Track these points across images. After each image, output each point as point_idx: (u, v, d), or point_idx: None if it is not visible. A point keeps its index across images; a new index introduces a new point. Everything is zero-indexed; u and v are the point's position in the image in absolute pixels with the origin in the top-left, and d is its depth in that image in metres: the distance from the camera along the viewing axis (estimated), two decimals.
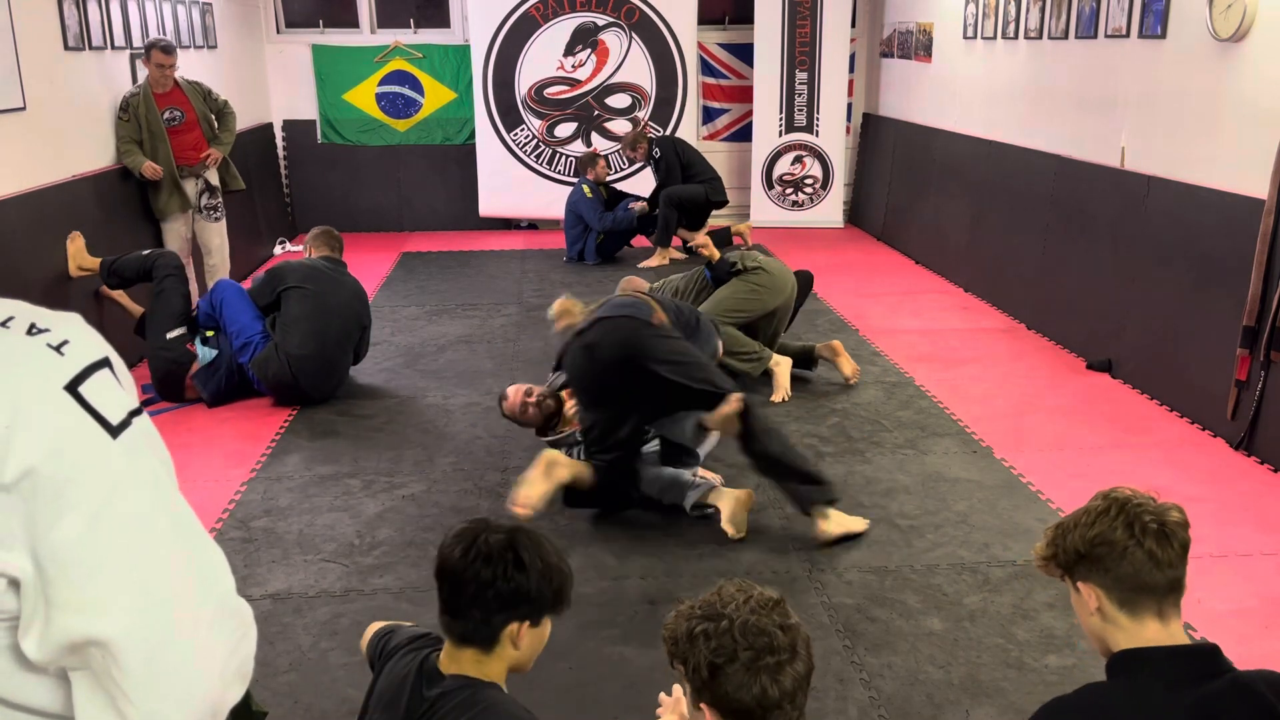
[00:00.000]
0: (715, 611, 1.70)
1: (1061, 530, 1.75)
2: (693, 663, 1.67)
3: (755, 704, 1.63)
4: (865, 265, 8.31)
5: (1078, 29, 6.08)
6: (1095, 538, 1.68)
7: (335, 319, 5.17)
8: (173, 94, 6.27)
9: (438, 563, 1.89)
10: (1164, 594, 1.68)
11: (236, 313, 5.17)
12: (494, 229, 9.83)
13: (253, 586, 3.47)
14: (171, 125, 6.24)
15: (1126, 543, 1.66)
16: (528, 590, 1.84)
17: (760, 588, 1.76)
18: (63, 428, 1.01)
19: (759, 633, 1.65)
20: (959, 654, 3.07)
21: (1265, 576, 3.51)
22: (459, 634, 1.87)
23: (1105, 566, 1.67)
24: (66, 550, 0.99)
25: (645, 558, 3.66)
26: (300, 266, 5.30)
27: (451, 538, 1.89)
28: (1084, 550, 1.69)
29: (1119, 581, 1.67)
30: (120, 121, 6.12)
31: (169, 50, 6.14)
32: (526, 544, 1.86)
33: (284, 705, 2.84)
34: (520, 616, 1.85)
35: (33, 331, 1.04)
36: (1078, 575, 1.71)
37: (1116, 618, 1.68)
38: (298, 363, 5.03)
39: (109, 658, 1.01)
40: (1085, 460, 4.48)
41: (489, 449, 4.66)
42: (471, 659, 1.87)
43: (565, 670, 2.98)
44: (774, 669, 1.64)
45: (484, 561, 1.83)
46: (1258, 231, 4.39)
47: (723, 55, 9.89)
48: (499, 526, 1.91)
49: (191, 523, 1.11)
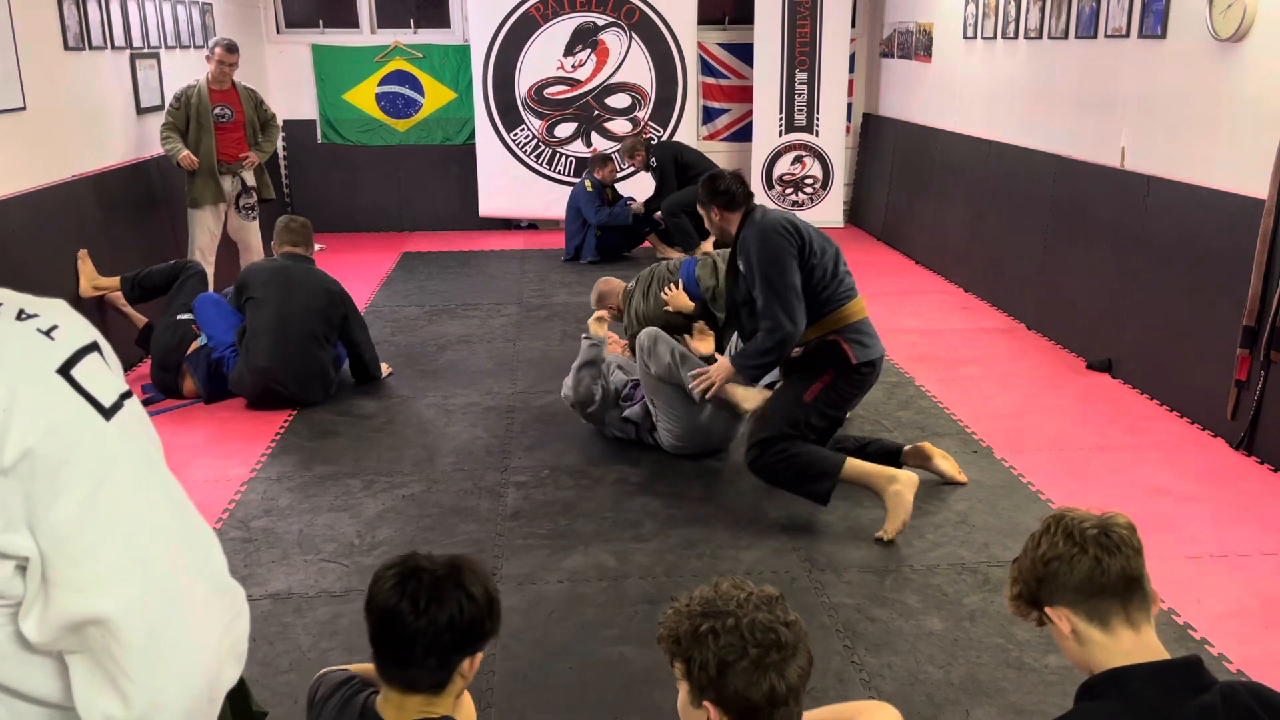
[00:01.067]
0: (718, 609, 1.69)
1: (1016, 565, 1.79)
2: (699, 660, 1.66)
3: (765, 700, 1.64)
4: (865, 265, 8.30)
5: (1078, 29, 6.09)
6: (1043, 556, 1.72)
7: (295, 323, 5.10)
8: (228, 93, 6.54)
9: (376, 611, 1.77)
10: (1125, 595, 1.67)
11: (210, 326, 5.22)
12: (494, 229, 9.83)
13: (253, 586, 3.47)
14: (220, 121, 6.48)
15: (1071, 551, 1.69)
16: (481, 623, 1.77)
17: (756, 585, 1.77)
18: (58, 410, 1.02)
19: (766, 630, 1.66)
20: (959, 654, 3.07)
21: (1265, 576, 3.51)
22: (405, 682, 1.78)
23: (1060, 581, 1.69)
24: (64, 530, 1.01)
25: (645, 558, 3.66)
26: (262, 272, 5.26)
27: (389, 585, 1.76)
28: (1040, 573, 1.72)
29: (1077, 591, 1.68)
30: (170, 109, 6.39)
31: (232, 49, 6.45)
32: (468, 574, 1.79)
33: (284, 705, 2.84)
34: (473, 651, 1.80)
35: (22, 317, 1.05)
36: (1044, 602, 1.73)
37: (1089, 634, 1.68)
38: (266, 374, 5.05)
39: (109, 635, 1.02)
40: (1085, 460, 4.48)
41: (489, 449, 4.66)
42: (421, 703, 1.79)
43: (565, 670, 2.98)
44: (780, 665, 1.65)
45: (437, 604, 1.73)
46: (1258, 231, 4.39)
47: (723, 55, 9.89)
48: (433, 561, 1.80)
49: (184, 502, 1.13)
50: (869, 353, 3.95)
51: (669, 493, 4.16)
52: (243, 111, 6.57)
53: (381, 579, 1.79)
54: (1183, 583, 3.45)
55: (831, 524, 3.90)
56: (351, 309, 5.39)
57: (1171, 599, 3.33)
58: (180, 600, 1.06)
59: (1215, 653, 3.06)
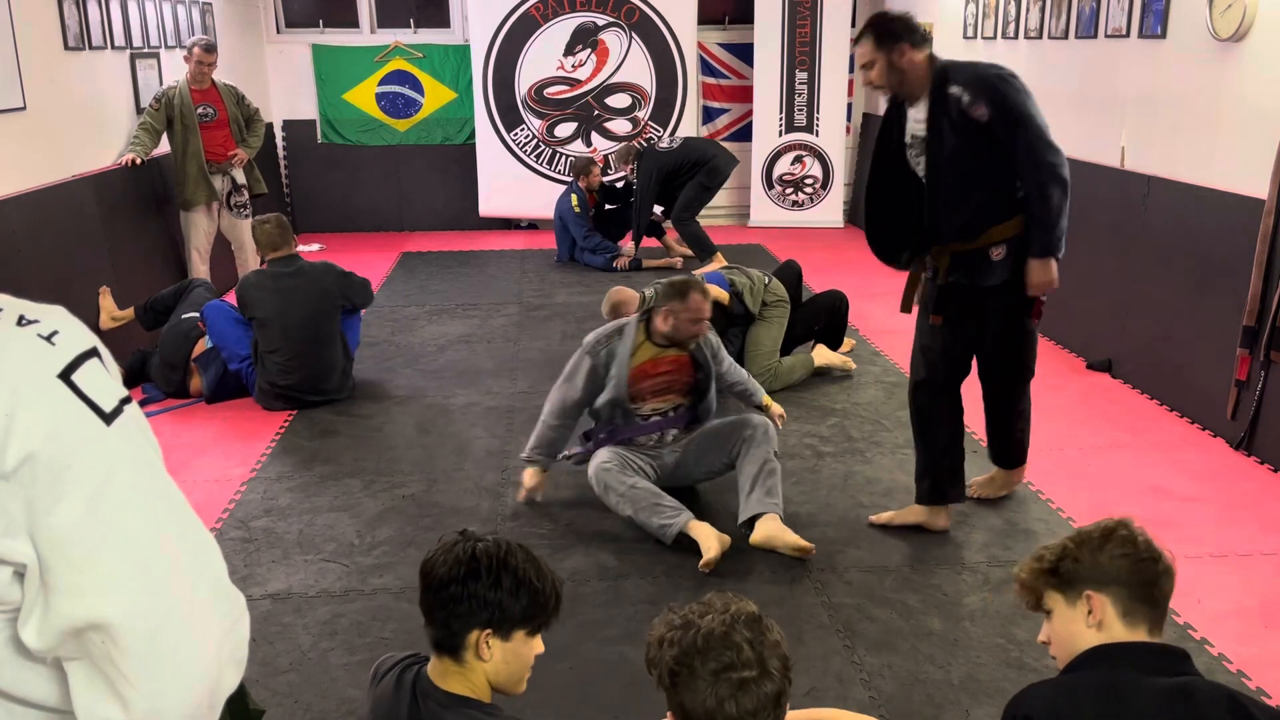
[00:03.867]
0: (688, 620, 1.66)
1: (1068, 545, 1.83)
2: (658, 670, 1.65)
3: (707, 717, 1.58)
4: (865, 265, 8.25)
5: (1078, 29, 6.09)
6: (1113, 551, 1.79)
7: (300, 334, 5.09)
8: (209, 91, 6.57)
9: (421, 575, 1.93)
10: (1160, 608, 1.80)
11: (222, 336, 5.21)
12: (494, 229, 9.83)
13: (253, 586, 3.47)
14: (204, 120, 6.51)
15: (1143, 555, 1.79)
16: (484, 598, 1.84)
17: (744, 601, 1.70)
18: (59, 414, 1.02)
19: (724, 645, 1.60)
20: (959, 654, 3.07)
21: (1265, 576, 3.51)
22: (431, 640, 1.91)
23: (1123, 576, 1.77)
24: (66, 534, 1.01)
25: (645, 558, 3.66)
26: (258, 290, 5.14)
27: (436, 550, 1.93)
28: (1103, 563, 1.78)
29: (1131, 591, 1.76)
30: (149, 110, 6.41)
31: (210, 49, 6.48)
32: (496, 554, 1.87)
33: (284, 705, 2.84)
34: (480, 624, 1.85)
35: (22, 322, 1.06)
36: (1086, 585, 1.78)
37: (1113, 627, 1.75)
38: (287, 390, 5.10)
39: (109, 641, 1.02)
40: (1085, 460, 4.48)
41: (489, 449, 4.66)
42: (448, 669, 1.89)
43: (565, 670, 2.98)
44: (736, 685, 1.58)
45: (448, 566, 1.87)
46: (1258, 231, 4.39)
47: (723, 55, 9.88)
48: (479, 537, 1.93)
49: (184, 507, 1.13)
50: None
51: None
52: (225, 109, 6.61)
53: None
54: (1183, 583, 3.42)
55: (831, 524, 3.90)
56: (349, 285, 5.33)
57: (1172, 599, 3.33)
58: (181, 605, 1.06)
59: (1215, 653, 3.06)
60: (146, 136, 6.33)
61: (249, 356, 5.17)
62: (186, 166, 6.44)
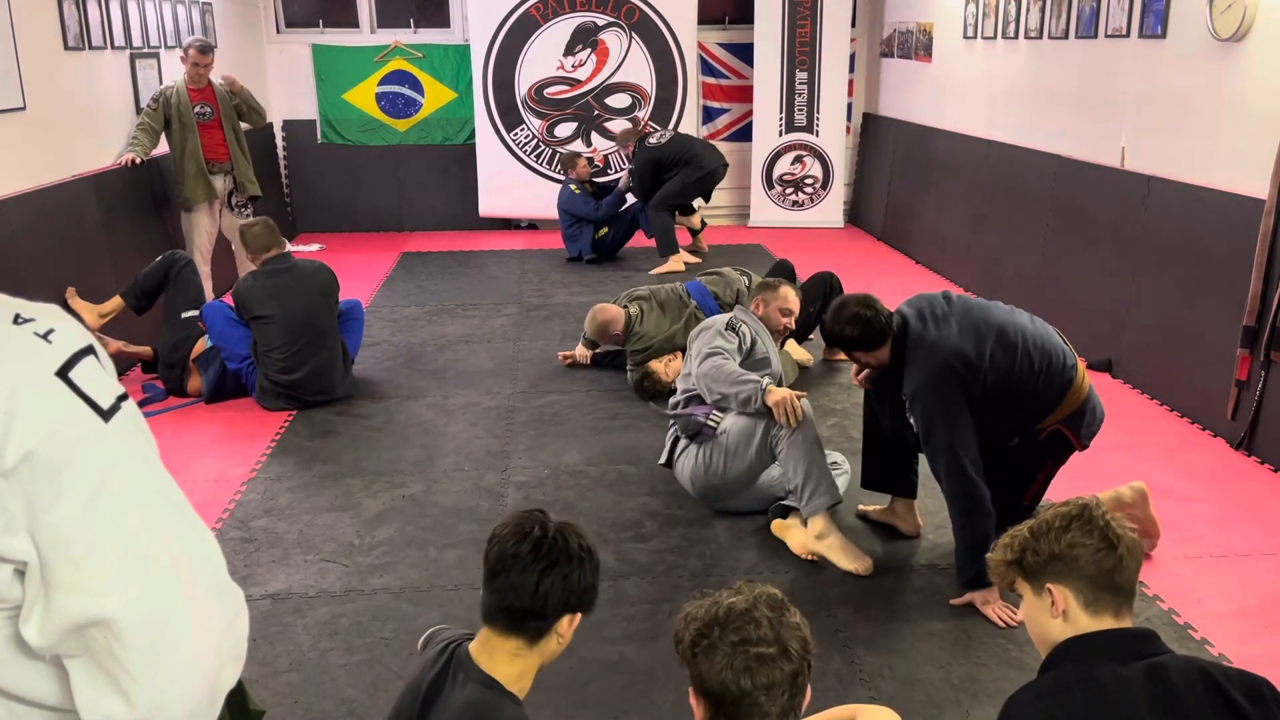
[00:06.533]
0: (715, 600, 1.74)
1: (1028, 536, 1.80)
2: (682, 644, 1.71)
3: (722, 688, 1.63)
4: (865, 265, 8.30)
5: (1078, 29, 6.09)
6: (1070, 541, 1.75)
7: (304, 327, 5.09)
8: (204, 91, 6.59)
9: (496, 553, 1.91)
10: (1126, 595, 1.76)
11: (222, 336, 5.20)
12: (494, 229, 9.83)
13: (253, 586, 3.47)
14: (201, 120, 6.54)
15: (1100, 545, 1.74)
16: (593, 582, 1.92)
17: (769, 587, 1.78)
18: (58, 412, 1.03)
19: (745, 620, 1.66)
20: (959, 654, 3.07)
21: (1265, 576, 3.51)
22: (509, 623, 1.89)
23: (1079, 567, 1.74)
24: (66, 531, 1.01)
25: (645, 558, 3.66)
26: (256, 291, 5.13)
27: (511, 530, 1.93)
28: (1061, 554, 1.75)
29: (1091, 581, 1.74)
30: (147, 110, 6.42)
31: (205, 50, 6.51)
32: (580, 539, 1.94)
33: (284, 705, 2.84)
34: (574, 608, 1.92)
35: (19, 321, 1.06)
36: (1048, 578, 1.77)
37: (1078, 617, 1.74)
38: (290, 387, 5.10)
39: (111, 637, 1.02)
40: (1085, 460, 4.46)
41: (489, 449, 4.65)
42: (512, 649, 1.90)
43: (565, 670, 2.98)
44: (753, 659, 1.63)
45: (540, 553, 1.88)
46: (1258, 231, 4.38)
47: (723, 55, 9.88)
48: (551, 519, 1.97)
49: (182, 503, 1.13)
50: (1094, 430, 3.50)
51: (669, 493, 4.16)
52: (220, 109, 6.65)
53: (505, 522, 2.00)
54: (1183, 583, 3.45)
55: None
56: (336, 283, 5.39)
57: (1171, 599, 3.34)
58: (181, 601, 1.07)
59: (1215, 653, 3.06)
60: (145, 136, 6.34)
61: (249, 356, 5.18)
62: (185, 166, 6.45)
